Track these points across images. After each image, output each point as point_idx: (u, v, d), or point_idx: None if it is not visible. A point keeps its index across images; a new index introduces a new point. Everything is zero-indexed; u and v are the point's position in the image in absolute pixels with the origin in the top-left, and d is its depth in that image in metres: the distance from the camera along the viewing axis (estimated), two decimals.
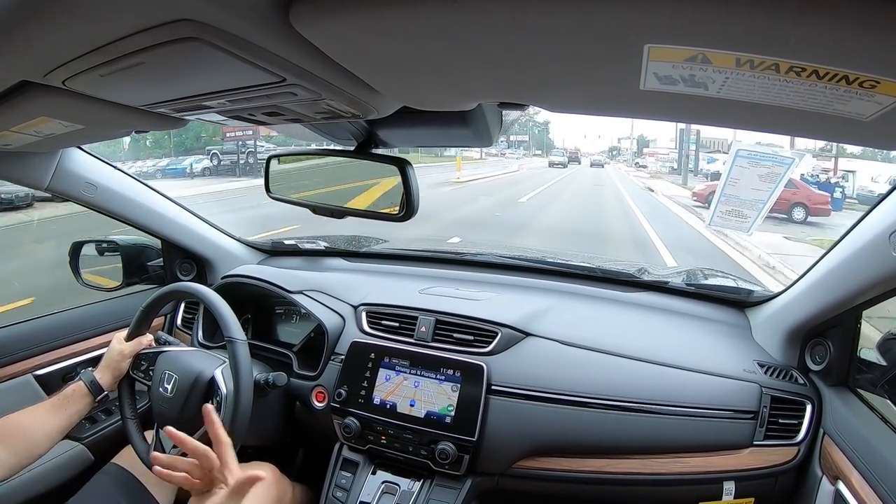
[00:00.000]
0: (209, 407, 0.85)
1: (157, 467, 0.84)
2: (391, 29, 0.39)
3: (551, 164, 28.73)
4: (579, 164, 32.94)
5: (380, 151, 0.88)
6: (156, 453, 0.85)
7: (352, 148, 0.88)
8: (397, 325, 1.23)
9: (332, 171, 1.00)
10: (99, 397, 1.06)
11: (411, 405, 1.13)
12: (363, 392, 1.17)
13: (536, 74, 0.46)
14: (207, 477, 0.82)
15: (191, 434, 1.07)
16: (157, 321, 1.45)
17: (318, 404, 1.22)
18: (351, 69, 0.48)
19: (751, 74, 0.36)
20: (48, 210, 6.89)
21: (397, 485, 1.13)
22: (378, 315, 1.27)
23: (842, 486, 0.90)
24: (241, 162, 15.32)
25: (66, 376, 1.29)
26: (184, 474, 0.82)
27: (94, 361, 1.19)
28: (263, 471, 1.10)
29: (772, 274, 5.23)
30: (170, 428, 0.86)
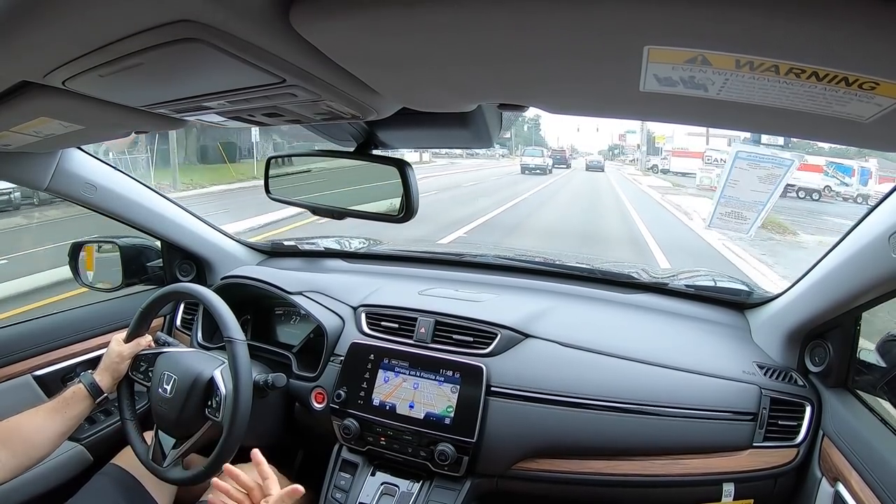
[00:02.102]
0: (256, 451, 0.92)
1: (216, 480, 0.91)
2: (391, 30, 0.39)
3: (525, 170, 18.84)
4: (568, 167, 23.03)
5: (379, 153, 0.89)
6: (217, 480, 0.91)
7: (351, 149, 0.88)
8: (397, 326, 1.23)
9: (332, 172, 1.01)
10: (98, 399, 1.06)
11: (410, 407, 1.13)
12: (362, 393, 1.17)
13: (536, 76, 0.46)
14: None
15: (189, 434, 1.07)
16: (157, 322, 1.45)
17: (317, 405, 1.22)
18: (351, 70, 0.48)
19: (750, 76, 0.36)
20: None
21: (396, 486, 1.13)
22: (377, 316, 1.26)
23: (841, 488, 0.90)
24: None
25: (66, 377, 1.29)
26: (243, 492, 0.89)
27: (94, 362, 1.18)
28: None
29: None
30: (228, 465, 0.91)
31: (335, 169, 0.99)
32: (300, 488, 0.85)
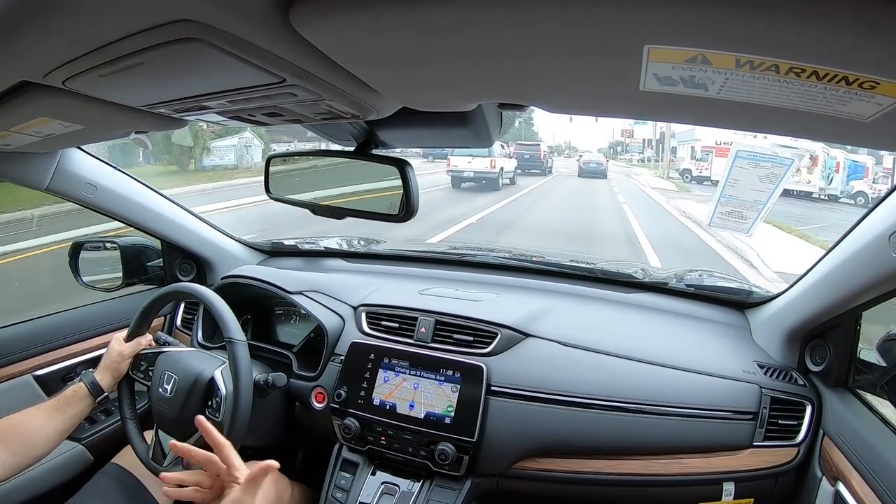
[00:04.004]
0: (201, 418, 0.87)
1: (166, 488, 0.85)
2: (391, 30, 0.39)
3: (460, 182, 11.33)
4: (547, 174, 15.36)
5: (379, 152, 0.89)
6: (165, 474, 0.86)
7: (352, 149, 0.88)
8: (397, 325, 1.23)
9: (332, 171, 1.01)
10: (99, 398, 1.06)
11: (410, 407, 1.13)
12: (363, 393, 1.17)
13: (536, 75, 0.46)
14: (217, 484, 0.83)
15: (189, 434, 1.07)
16: (157, 321, 1.45)
17: (317, 405, 1.22)
18: (351, 70, 0.48)
19: (751, 75, 0.36)
20: None
21: (397, 485, 1.13)
22: (378, 316, 1.26)
23: (841, 487, 0.90)
24: None
25: (66, 377, 1.29)
26: (194, 488, 0.84)
27: (94, 362, 1.19)
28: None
29: None
30: (174, 442, 0.87)
31: (335, 168, 0.99)
32: (274, 463, 0.80)
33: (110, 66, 0.47)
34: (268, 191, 1.00)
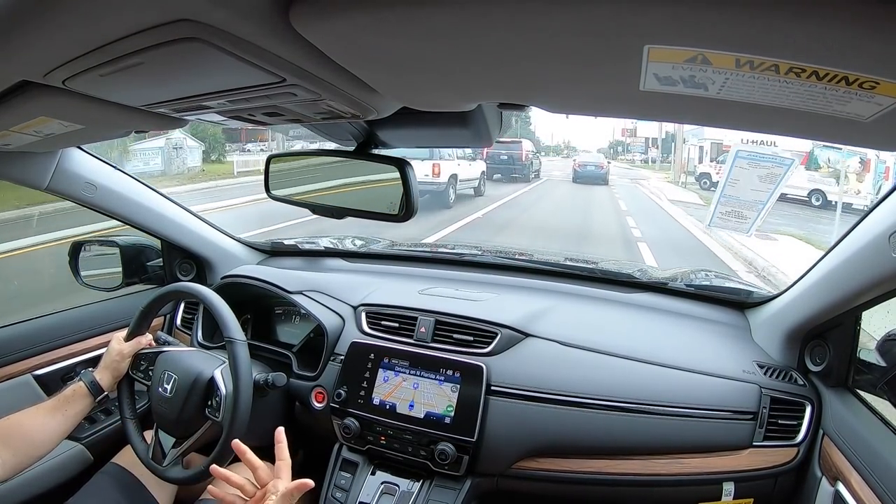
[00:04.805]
0: (281, 429, 0.88)
1: (211, 487, 0.86)
2: (391, 29, 0.39)
3: None
4: (532, 180, 12.66)
5: (379, 152, 0.89)
6: (215, 467, 0.86)
7: (352, 148, 0.88)
8: (397, 325, 1.23)
9: (332, 171, 1.01)
10: (99, 398, 1.06)
11: (410, 406, 1.13)
12: (363, 393, 1.17)
13: (536, 75, 0.46)
14: (258, 494, 0.83)
15: (189, 434, 1.07)
16: (157, 321, 1.45)
17: (317, 405, 1.22)
18: (351, 69, 0.48)
19: (751, 75, 0.36)
20: None
21: (397, 485, 1.13)
22: (378, 315, 1.26)
23: (841, 487, 0.90)
24: None
25: (66, 376, 1.29)
26: (236, 493, 0.84)
27: (94, 361, 1.18)
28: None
29: None
30: (237, 441, 0.87)
31: (336, 167, 0.99)
32: (310, 482, 0.82)
33: (110, 65, 0.47)
34: (267, 190, 1.00)
